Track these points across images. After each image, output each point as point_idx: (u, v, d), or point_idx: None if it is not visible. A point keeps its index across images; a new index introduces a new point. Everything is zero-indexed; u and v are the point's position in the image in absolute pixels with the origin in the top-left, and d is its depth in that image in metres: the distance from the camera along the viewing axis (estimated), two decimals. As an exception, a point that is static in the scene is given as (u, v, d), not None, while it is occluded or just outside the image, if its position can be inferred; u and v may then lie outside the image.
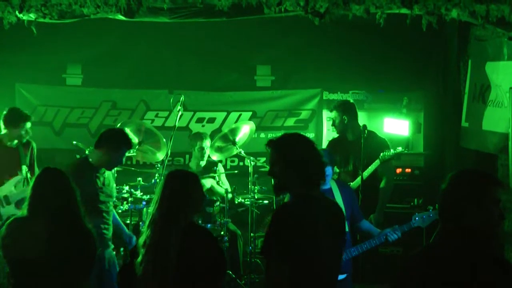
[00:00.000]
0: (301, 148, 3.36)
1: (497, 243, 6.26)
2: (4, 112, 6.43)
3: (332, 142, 6.81)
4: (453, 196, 2.73)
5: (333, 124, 6.67)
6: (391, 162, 6.34)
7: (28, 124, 6.41)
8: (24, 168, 6.49)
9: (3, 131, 6.41)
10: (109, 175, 5.17)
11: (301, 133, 8.74)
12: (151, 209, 3.71)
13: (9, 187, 6.29)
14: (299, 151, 3.34)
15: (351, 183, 6.26)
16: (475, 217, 2.68)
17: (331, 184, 5.10)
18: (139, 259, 3.60)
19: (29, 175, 6.44)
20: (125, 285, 3.84)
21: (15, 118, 6.35)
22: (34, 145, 6.69)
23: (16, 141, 6.40)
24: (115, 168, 6.87)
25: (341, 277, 5.04)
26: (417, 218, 5.12)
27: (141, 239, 3.65)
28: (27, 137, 6.47)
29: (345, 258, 5.02)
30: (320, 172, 3.37)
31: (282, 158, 3.33)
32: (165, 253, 3.52)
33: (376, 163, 6.18)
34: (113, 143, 4.92)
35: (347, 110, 6.52)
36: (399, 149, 6.15)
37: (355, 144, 6.20)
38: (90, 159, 5.01)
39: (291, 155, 3.32)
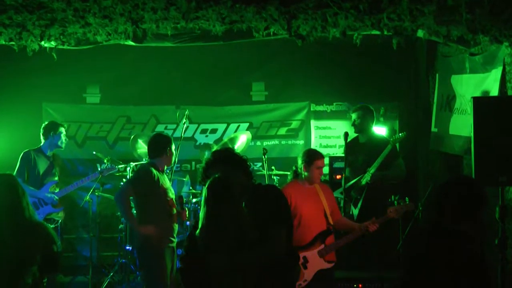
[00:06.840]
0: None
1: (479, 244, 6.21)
2: (44, 124, 6.70)
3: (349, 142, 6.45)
4: (466, 210, 2.65)
5: (353, 124, 6.49)
6: (399, 161, 6.25)
7: (63, 130, 6.67)
8: (57, 174, 6.68)
9: (43, 142, 6.60)
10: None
11: (292, 140, 8.70)
12: None
13: (46, 190, 6.47)
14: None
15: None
16: (473, 227, 2.66)
17: (316, 185, 5.06)
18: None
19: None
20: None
21: (55, 124, 6.68)
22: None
23: (53, 150, 6.64)
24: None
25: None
26: (391, 211, 5.09)
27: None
28: (63, 145, 6.67)
29: (334, 249, 4.99)
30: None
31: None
32: None
33: (388, 147, 6.10)
34: None
35: (360, 113, 6.42)
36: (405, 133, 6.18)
37: (365, 145, 6.30)
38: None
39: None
